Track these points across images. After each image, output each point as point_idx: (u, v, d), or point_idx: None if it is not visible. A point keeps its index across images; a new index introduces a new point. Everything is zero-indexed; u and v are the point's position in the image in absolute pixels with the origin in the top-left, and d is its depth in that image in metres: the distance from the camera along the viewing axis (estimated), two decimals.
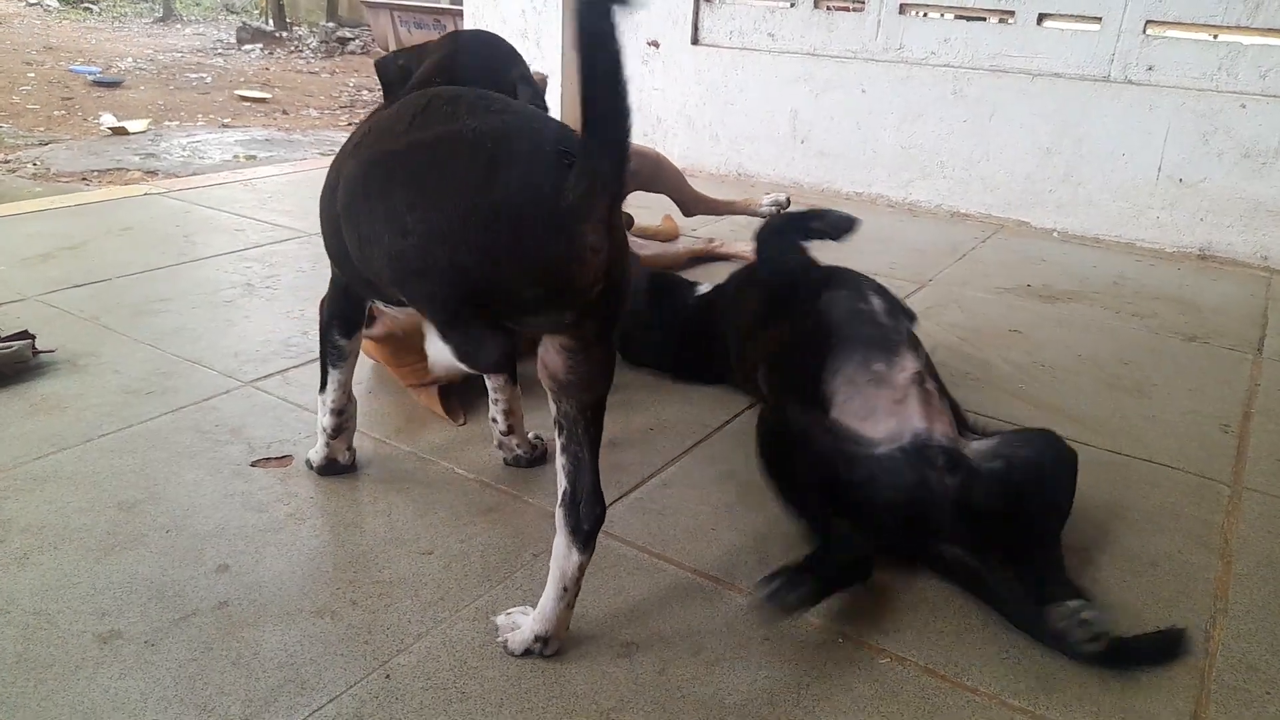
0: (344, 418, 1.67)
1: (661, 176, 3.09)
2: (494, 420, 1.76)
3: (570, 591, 1.28)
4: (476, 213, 1.05)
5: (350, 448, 1.72)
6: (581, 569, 1.27)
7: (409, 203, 1.09)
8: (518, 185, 1.05)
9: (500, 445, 1.78)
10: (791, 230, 2.11)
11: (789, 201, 3.37)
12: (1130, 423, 2.10)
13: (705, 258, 3.13)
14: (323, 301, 1.61)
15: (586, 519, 1.26)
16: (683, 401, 2.09)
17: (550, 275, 1.06)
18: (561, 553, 1.27)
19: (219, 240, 3.04)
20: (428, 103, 1.21)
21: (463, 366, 1.12)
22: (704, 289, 2.27)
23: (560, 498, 1.27)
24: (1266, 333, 2.73)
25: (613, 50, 0.95)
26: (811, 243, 2.08)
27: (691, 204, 3.20)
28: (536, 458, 1.79)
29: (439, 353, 1.12)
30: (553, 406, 1.26)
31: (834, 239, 2.05)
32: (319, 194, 1.39)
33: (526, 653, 1.29)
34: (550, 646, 1.29)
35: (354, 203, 1.20)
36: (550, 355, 1.20)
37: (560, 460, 1.28)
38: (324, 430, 1.67)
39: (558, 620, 1.28)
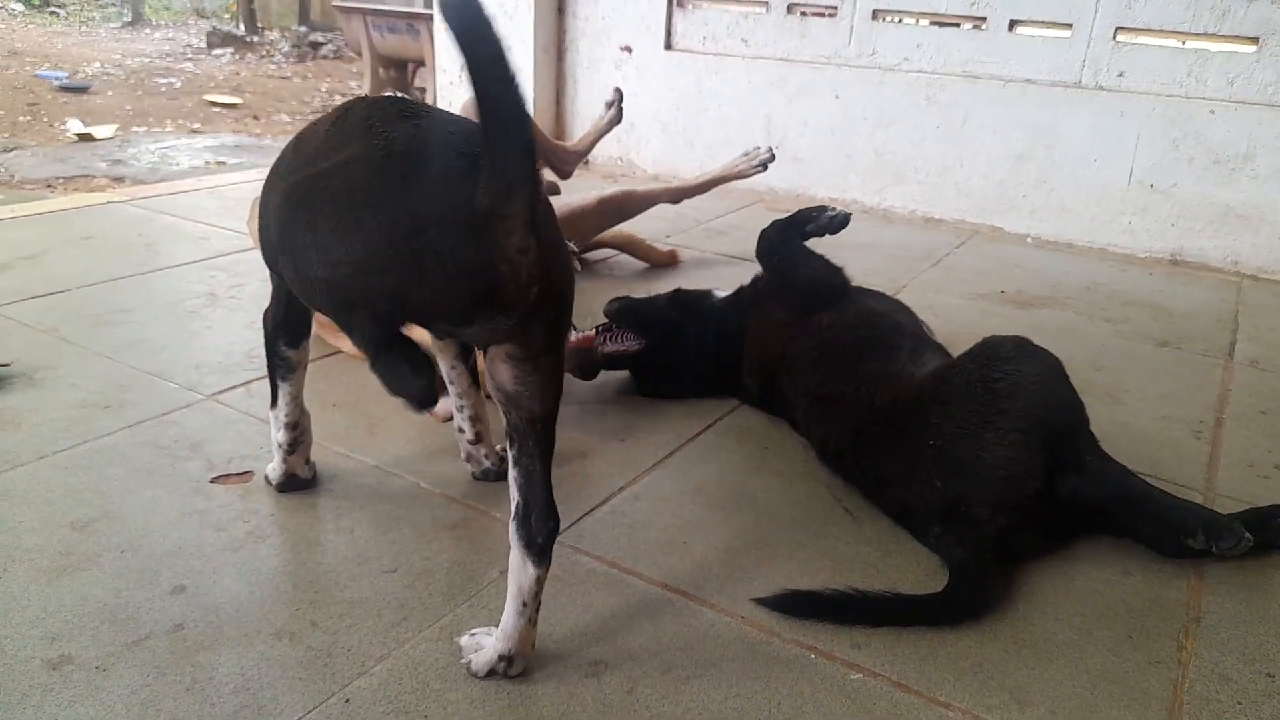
0: (298, 431, 1.62)
1: (631, 205, 2.99)
2: (460, 430, 1.72)
3: (530, 607, 1.25)
4: (396, 229, 1.02)
5: (309, 461, 1.68)
6: (539, 583, 1.24)
7: (332, 231, 1.07)
8: (432, 195, 1.03)
9: (468, 458, 1.74)
10: (792, 233, 2.12)
11: (773, 155, 3.11)
12: (1103, 428, 2.07)
13: (622, 246, 3.07)
14: (266, 313, 1.55)
15: (539, 532, 1.23)
16: (654, 413, 2.06)
17: (478, 281, 1.04)
18: (517, 567, 1.24)
19: (183, 249, 2.99)
20: (345, 111, 1.20)
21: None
22: (721, 294, 2.23)
23: (513, 512, 1.25)
24: (1237, 337, 2.74)
25: (492, 43, 0.93)
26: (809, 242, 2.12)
27: (674, 197, 3.13)
28: (504, 472, 1.76)
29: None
30: (503, 419, 1.23)
31: (831, 234, 2.09)
32: None
33: (491, 673, 1.25)
34: (515, 666, 1.26)
35: (284, 234, 1.18)
36: (497, 366, 1.18)
37: (512, 474, 1.26)
38: (279, 446, 1.62)
39: (521, 638, 1.25)
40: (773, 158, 3.10)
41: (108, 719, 1.16)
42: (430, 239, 1.01)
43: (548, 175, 3.02)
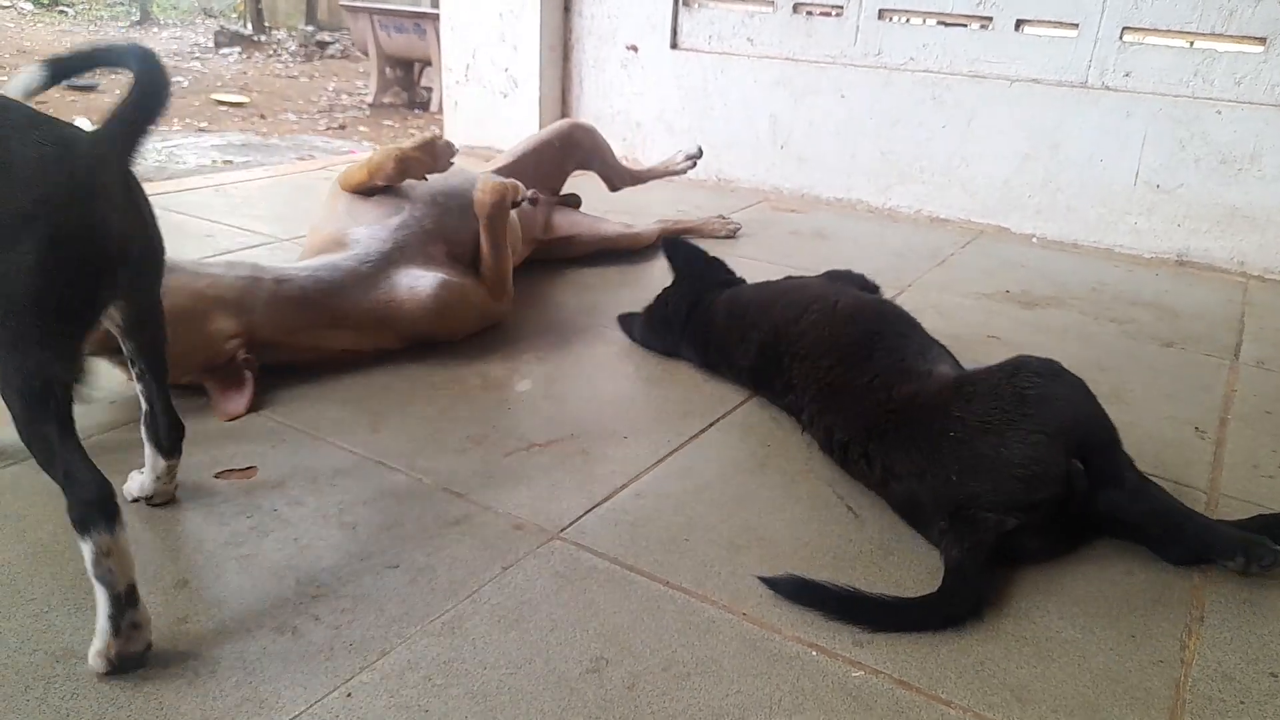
0: None
1: (599, 146, 3.23)
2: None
3: (164, 478, 1.57)
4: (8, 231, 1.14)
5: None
6: (171, 469, 1.56)
7: None
8: (25, 186, 1.16)
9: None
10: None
11: (700, 152, 3.45)
12: None
13: (602, 246, 3.13)
14: None
15: (165, 433, 1.52)
16: (656, 411, 2.06)
17: (83, 256, 1.20)
18: (150, 459, 1.55)
19: (187, 247, 2.99)
20: None
21: None
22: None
23: (142, 417, 1.51)
24: (1243, 338, 2.73)
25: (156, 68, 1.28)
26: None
27: (618, 178, 3.34)
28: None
29: None
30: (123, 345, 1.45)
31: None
32: (293, 199, 1.37)
33: (135, 500, 1.57)
34: (156, 500, 1.58)
35: None
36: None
37: (138, 387, 1.49)
38: None
39: (159, 490, 1.58)
40: (700, 154, 3.47)
41: (111, 712, 1.16)
42: (37, 230, 1.14)
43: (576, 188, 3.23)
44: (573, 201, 3.19)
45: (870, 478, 1.73)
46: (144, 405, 1.51)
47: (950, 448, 1.57)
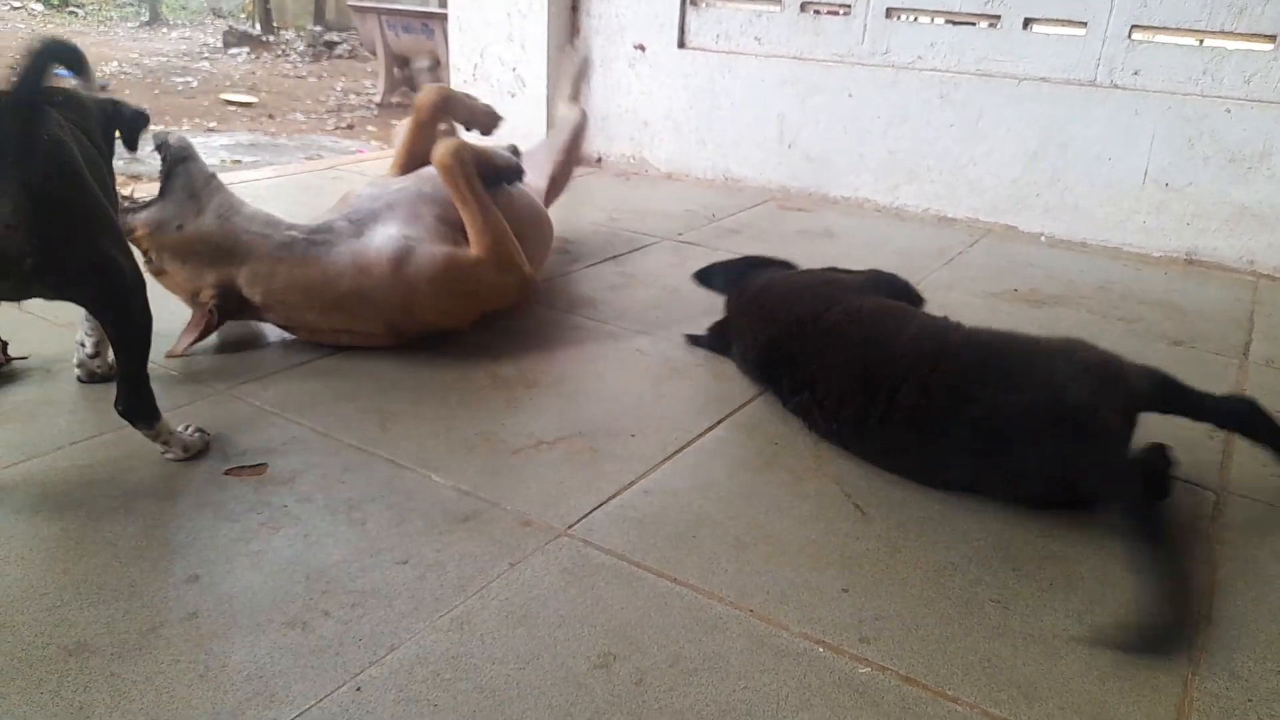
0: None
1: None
2: (82, 344, 2.00)
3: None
4: None
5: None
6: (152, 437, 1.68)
7: None
8: None
9: (80, 364, 2.00)
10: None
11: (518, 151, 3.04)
12: None
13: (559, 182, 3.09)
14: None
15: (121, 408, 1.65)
16: (663, 409, 2.07)
17: None
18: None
19: None
20: None
21: None
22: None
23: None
24: (1252, 337, 2.73)
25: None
26: None
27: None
28: (110, 377, 1.94)
29: None
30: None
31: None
32: (301, 199, 1.39)
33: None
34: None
35: None
36: None
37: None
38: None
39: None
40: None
41: (123, 705, 1.17)
42: None
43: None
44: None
45: (925, 408, 1.74)
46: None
47: (1035, 365, 1.73)
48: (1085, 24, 3.53)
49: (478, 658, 1.28)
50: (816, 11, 4.07)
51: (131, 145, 1.86)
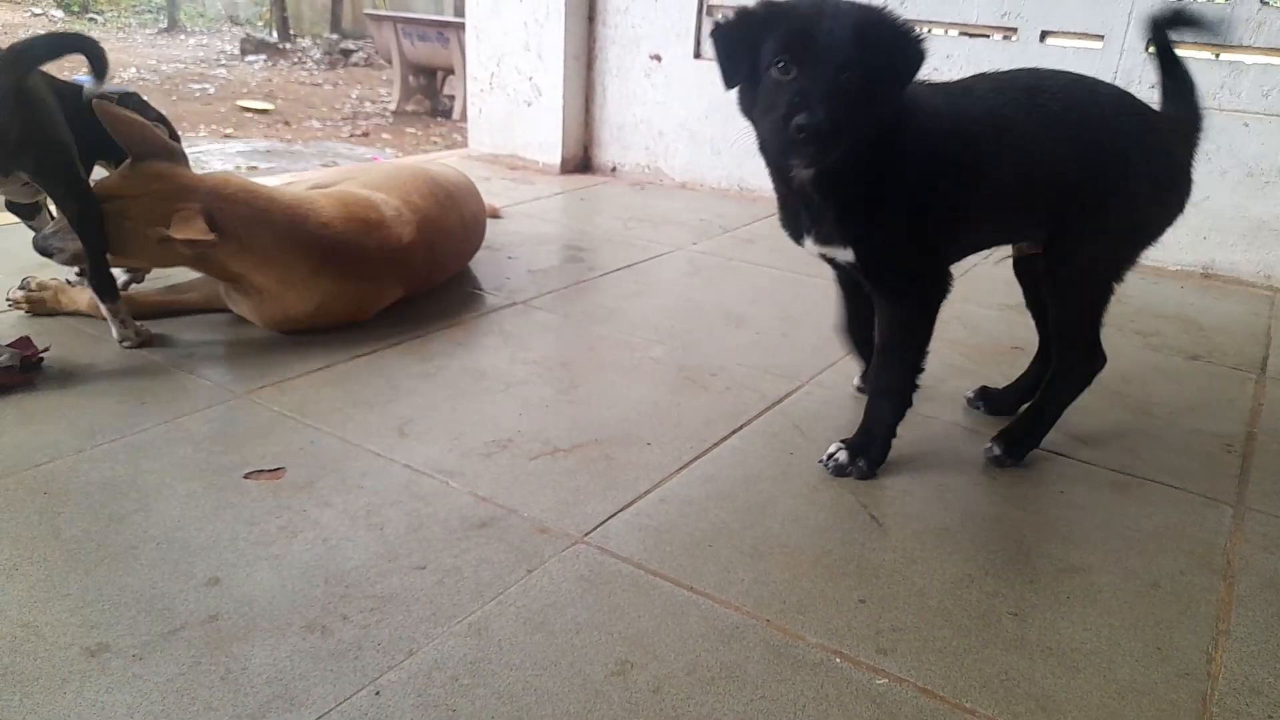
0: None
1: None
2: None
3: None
4: None
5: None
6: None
7: None
8: None
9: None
10: None
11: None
12: (1133, 441, 2.08)
13: None
14: None
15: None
16: (678, 418, 2.07)
17: None
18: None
19: None
20: None
21: None
22: None
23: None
24: (1270, 352, 2.71)
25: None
26: None
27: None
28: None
29: None
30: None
31: None
32: None
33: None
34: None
35: None
36: None
37: None
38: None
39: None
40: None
41: (144, 706, 1.18)
42: None
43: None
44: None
45: None
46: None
47: None
48: (1103, 36, 3.53)
49: (495, 663, 1.29)
50: None
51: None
